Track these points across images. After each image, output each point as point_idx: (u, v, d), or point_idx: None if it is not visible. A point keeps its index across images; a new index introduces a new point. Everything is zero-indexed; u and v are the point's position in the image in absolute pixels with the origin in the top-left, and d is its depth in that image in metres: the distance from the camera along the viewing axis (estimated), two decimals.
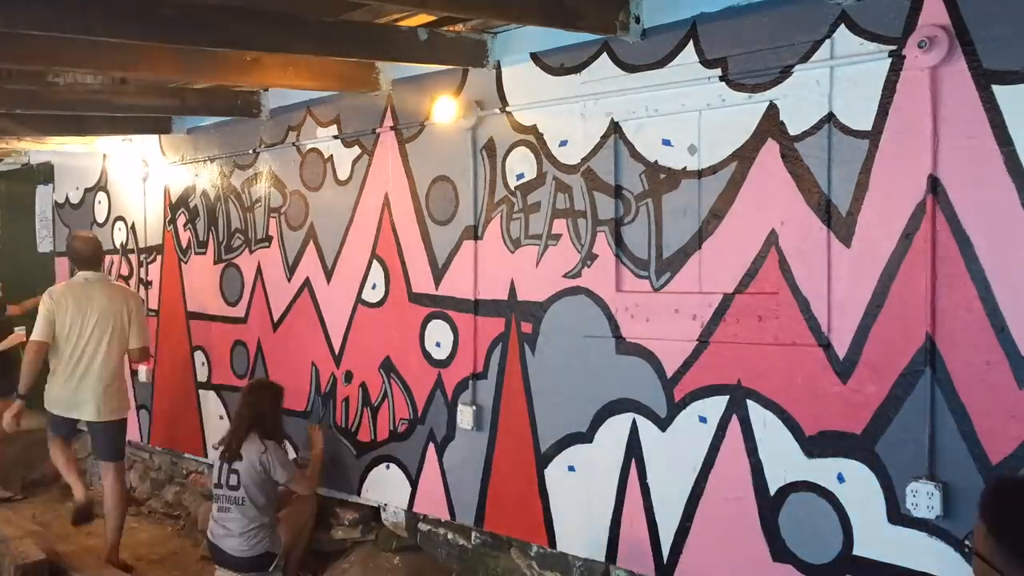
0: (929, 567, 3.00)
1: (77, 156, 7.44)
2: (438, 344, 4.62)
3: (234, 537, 4.72)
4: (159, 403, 6.69)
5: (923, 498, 2.95)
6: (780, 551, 3.38)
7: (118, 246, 7.10)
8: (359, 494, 5.14)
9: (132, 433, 6.41)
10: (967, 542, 1.85)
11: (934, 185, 2.95)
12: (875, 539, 3.14)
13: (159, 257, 6.67)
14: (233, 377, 5.99)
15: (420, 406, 4.75)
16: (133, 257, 6.93)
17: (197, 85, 5.24)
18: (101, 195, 7.32)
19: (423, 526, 4.85)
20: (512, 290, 4.25)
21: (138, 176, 6.80)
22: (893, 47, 3.02)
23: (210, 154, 6.15)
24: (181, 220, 6.46)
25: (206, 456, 6.22)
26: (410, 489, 4.82)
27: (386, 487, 4.98)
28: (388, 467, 4.95)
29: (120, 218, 7.10)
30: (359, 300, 5.09)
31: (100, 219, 7.33)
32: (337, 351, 5.25)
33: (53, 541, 5.60)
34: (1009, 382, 2.82)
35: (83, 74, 4.92)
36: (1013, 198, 2.80)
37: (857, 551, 3.19)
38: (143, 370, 6.61)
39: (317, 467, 5.12)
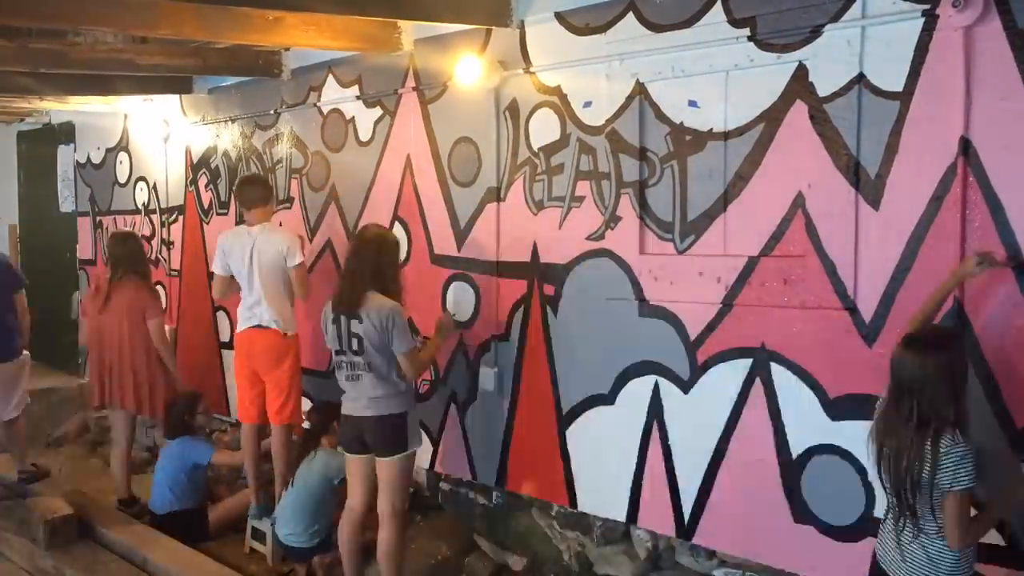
0: None
1: (98, 116, 7.45)
2: (460, 305, 4.63)
3: (364, 399, 4.11)
4: (182, 362, 6.74)
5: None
6: (802, 513, 3.40)
7: (140, 206, 7.13)
8: None
9: None
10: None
11: (965, 147, 2.91)
12: None
13: (180, 217, 6.70)
14: None
15: (442, 367, 4.77)
16: (155, 217, 6.96)
17: (219, 44, 5.22)
18: (123, 155, 7.33)
19: (445, 485, 4.90)
20: (535, 252, 4.25)
21: (159, 136, 6.81)
22: (927, 6, 2.97)
23: (231, 114, 6.14)
24: (202, 181, 6.47)
25: (229, 414, 6.28)
26: (432, 449, 4.87)
27: None
28: None
29: (142, 178, 7.12)
30: None
31: (122, 179, 7.36)
32: None
33: (80, 496, 5.69)
34: None
35: (105, 32, 4.91)
36: None
37: (879, 513, 3.20)
38: (166, 329, 6.65)
39: (432, 353, 4.44)
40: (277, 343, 4.97)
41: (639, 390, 3.88)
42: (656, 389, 3.81)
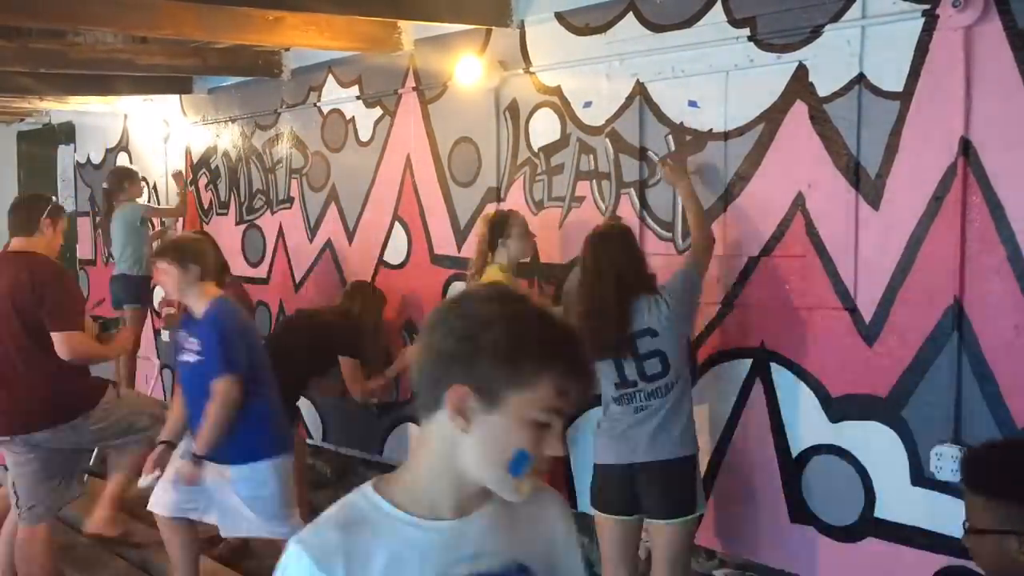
0: (953, 530, 3.01)
1: (98, 116, 7.44)
2: None
3: None
4: None
5: (947, 461, 2.95)
6: (802, 512, 3.40)
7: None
8: (382, 454, 5.19)
9: (156, 392, 6.50)
10: (966, 526, 1.89)
11: (965, 147, 2.91)
12: (898, 501, 3.15)
13: (180, 217, 6.68)
14: None
15: None
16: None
17: (219, 45, 5.22)
18: (122, 155, 7.33)
19: None
20: (535, 252, 4.25)
21: (159, 136, 6.81)
22: (927, 6, 2.97)
23: (231, 114, 6.14)
24: (202, 181, 6.47)
25: None
26: None
27: (408, 447, 5.02)
28: (411, 427, 4.99)
29: (142, 178, 7.10)
30: (381, 261, 5.10)
31: None
32: None
33: None
34: None
35: (105, 32, 4.91)
36: None
37: (879, 513, 3.20)
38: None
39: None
40: None
41: None
42: None
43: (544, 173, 4.19)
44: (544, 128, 4.18)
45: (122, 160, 7.31)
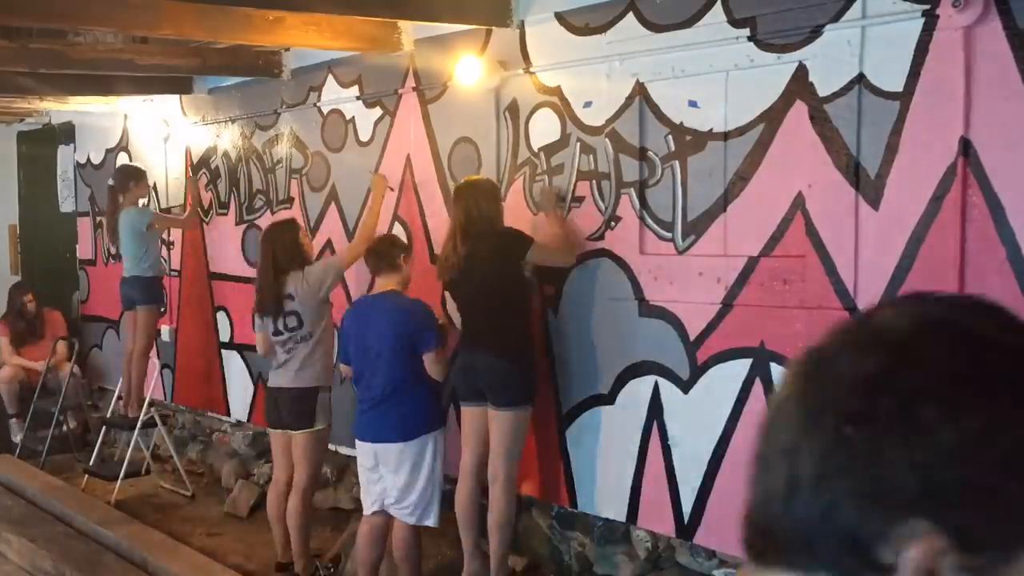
0: None
1: (98, 116, 7.44)
2: None
3: (291, 372, 4.58)
4: (182, 362, 6.76)
5: None
6: None
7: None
8: None
9: (156, 392, 6.50)
10: None
11: (965, 147, 2.91)
12: None
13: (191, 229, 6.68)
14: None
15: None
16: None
17: (219, 45, 5.22)
18: (123, 155, 7.32)
19: (446, 486, 4.88)
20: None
21: (159, 136, 6.80)
22: (927, 6, 2.97)
23: (231, 114, 6.14)
24: (202, 181, 6.47)
25: (229, 415, 6.29)
26: None
27: None
28: None
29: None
30: None
31: None
32: None
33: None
34: None
35: (105, 32, 4.91)
36: None
37: None
38: (165, 329, 6.67)
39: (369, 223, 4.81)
40: None
41: (639, 390, 3.88)
42: (656, 389, 3.82)
43: (544, 173, 4.19)
44: (544, 128, 4.18)
45: (122, 160, 7.31)
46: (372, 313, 4.25)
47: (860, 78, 3.14)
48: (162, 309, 6.50)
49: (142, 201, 6.47)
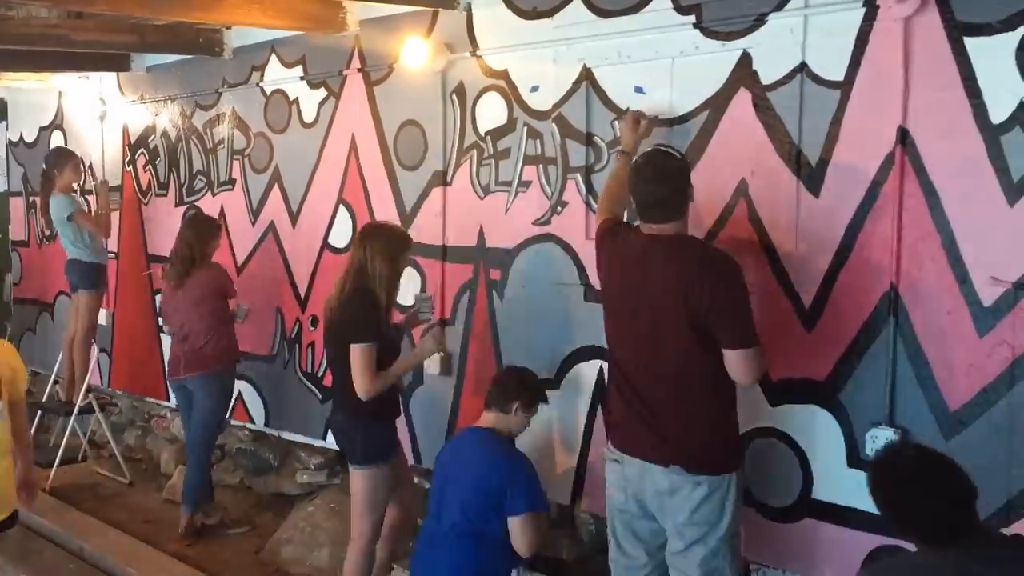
0: None
1: (32, 93, 7.23)
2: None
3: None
4: (119, 346, 6.61)
5: (882, 443, 3.02)
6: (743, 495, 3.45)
7: (75, 186, 6.93)
8: (324, 438, 5.15)
9: (92, 377, 6.36)
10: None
11: (903, 136, 2.97)
12: (834, 483, 3.22)
13: (118, 198, 6.53)
14: None
15: None
16: (91, 198, 6.78)
17: (157, 21, 5.08)
18: (57, 134, 7.13)
19: None
20: (481, 237, 4.24)
21: (95, 115, 6.63)
22: None
23: (170, 93, 6.01)
24: (141, 161, 6.33)
25: (168, 399, 6.17)
26: None
27: None
28: None
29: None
30: (325, 245, 5.05)
31: None
32: (303, 296, 5.21)
33: None
34: (969, 332, 2.89)
35: (39, 7, 4.75)
36: (980, 151, 2.83)
37: (816, 495, 3.27)
38: (102, 312, 6.52)
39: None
40: None
41: (584, 375, 3.91)
42: (601, 373, 3.84)
43: (491, 157, 4.18)
44: (491, 112, 4.17)
45: (56, 139, 7.11)
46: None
47: (802, 67, 3.19)
48: (104, 294, 6.39)
49: (76, 185, 6.33)
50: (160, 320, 5.99)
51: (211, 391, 5.06)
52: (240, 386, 5.55)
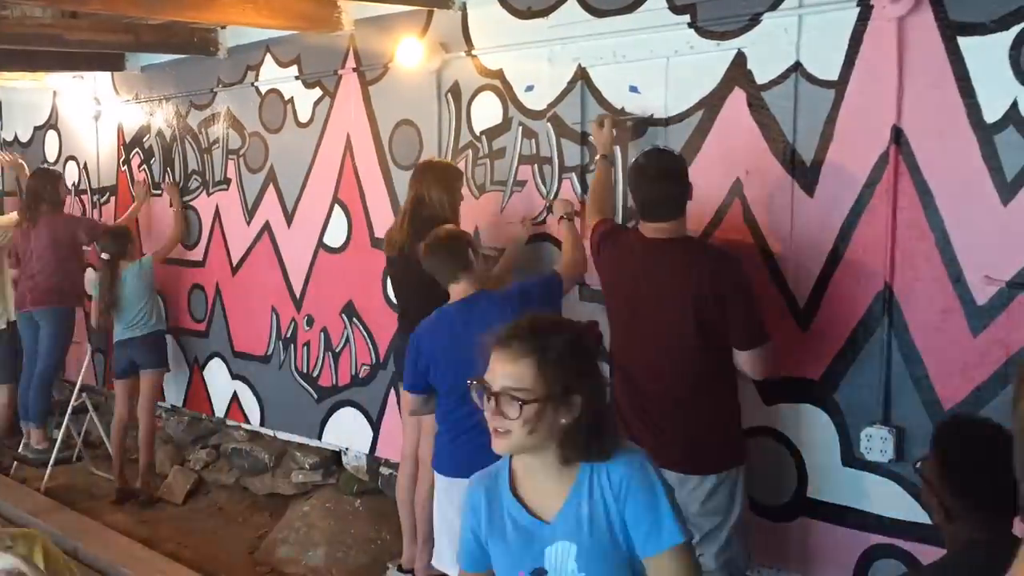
0: (880, 509, 3.10)
1: (26, 92, 7.20)
2: None
3: None
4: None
5: (877, 442, 3.04)
6: None
7: (70, 186, 6.92)
8: (320, 438, 5.15)
9: (87, 377, 6.35)
10: (918, 466, 2.13)
11: (897, 136, 2.98)
12: (829, 482, 3.23)
13: (113, 198, 6.53)
14: (191, 321, 5.92)
15: (382, 351, 4.75)
16: (85, 198, 6.77)
17: (152, 21, 5.07)
18: (52, 133, 7.11)
19: (384, 470, 4.88)
20: (476, 236, 4.23)
21: (90, 114, 6.61)
22: None
23: (165, 93, 6.00)
24: (136, 161, 6.31)
25: (163, 400, 6.16)
26: (372, 433, 4.84)
27: (347, 431, 4.99)
28: (349, 412, 4.95)
29: (72, 157, 6.91)
30: (320, 244, 5.05)
31: (51, 158, 7.13)
32: (298, 295, 5.21)
33: None
34: (963, 330, 2.89)
35: (33, 7, 4.74)
36: (974, 149, 2.84)
37: (811, 493, 3.28)
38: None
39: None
40: None
41: None
42: None
43: (486, 157, 4.18)
44: (486, 111, 4.17)
45: (51, 138, 7.09)
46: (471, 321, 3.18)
47: (797, 66, 3.19)
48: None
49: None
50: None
51: (56, 324, 5.91)
52: (235, 386, 5.55)
